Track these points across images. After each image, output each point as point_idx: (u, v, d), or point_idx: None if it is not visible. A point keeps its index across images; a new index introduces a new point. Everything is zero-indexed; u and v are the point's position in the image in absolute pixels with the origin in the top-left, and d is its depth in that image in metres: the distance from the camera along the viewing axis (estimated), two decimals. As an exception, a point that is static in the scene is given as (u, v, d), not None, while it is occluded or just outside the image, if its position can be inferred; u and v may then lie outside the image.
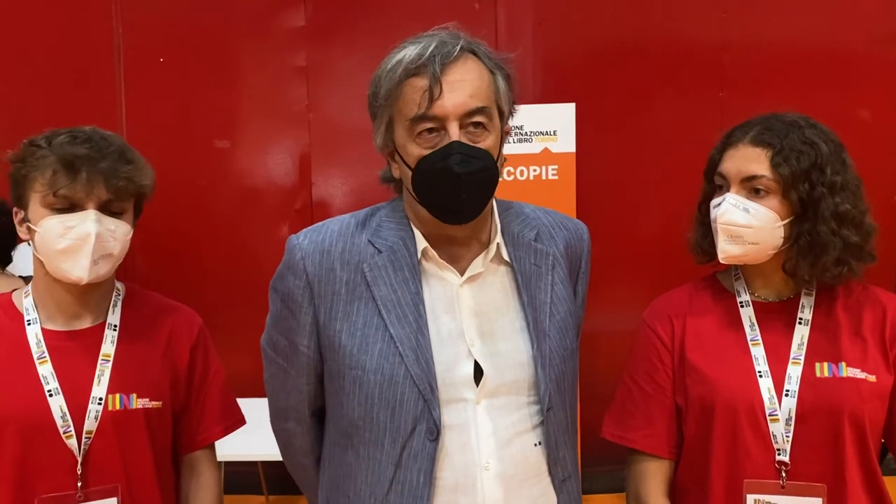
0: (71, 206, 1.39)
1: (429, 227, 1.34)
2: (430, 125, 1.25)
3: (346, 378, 1.32)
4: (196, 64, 3.90)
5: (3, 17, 3.86)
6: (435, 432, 1.28)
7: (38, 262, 1.45)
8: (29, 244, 1.47)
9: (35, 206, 1.40)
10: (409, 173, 1.28)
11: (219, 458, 1.65)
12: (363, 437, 1.32)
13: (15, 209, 1.46)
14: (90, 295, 1.48)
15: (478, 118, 1.26)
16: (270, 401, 1.49)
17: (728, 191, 1.44)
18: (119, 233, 1.42)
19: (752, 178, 1.41)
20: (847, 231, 1.39)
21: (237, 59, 3.96)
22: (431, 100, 1.23)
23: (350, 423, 1.34)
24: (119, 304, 1.52)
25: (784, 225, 1.41)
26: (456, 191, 1.24)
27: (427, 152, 1.25)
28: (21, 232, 1.45)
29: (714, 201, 1.47)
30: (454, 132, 1.24)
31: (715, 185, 1.49)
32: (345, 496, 1.36)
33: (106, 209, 1.41)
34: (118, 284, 1.55)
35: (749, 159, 1.42)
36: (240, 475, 3.66)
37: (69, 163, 1.37)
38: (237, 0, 3.92)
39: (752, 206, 1.41)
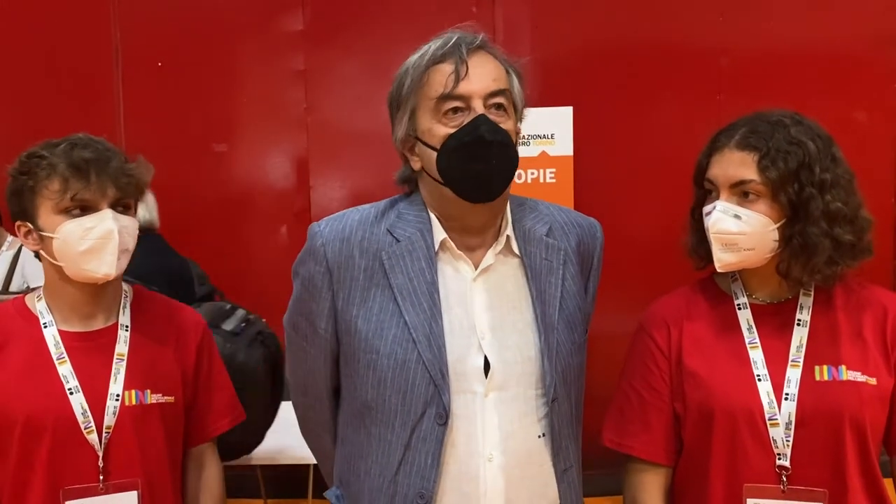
0: (84, 209, 1.44)
1: (449, 212, 1.38)
2: (456, 104, 1.31)
3: (361, 361, 1.37)
4: (194, 68, 3.90)
5: (1, 21, 3.87)
6: (444, 417, 1.32)
7: (51, 268, 1.50)
8: (37, 255, 1.50)
9: (47, 214, 1.44)
10: (434, 155, 1.33)
11: (218, 462, 1.68)
12: (375, 418, 1.37)
13: (18, 223, 1.49)
14: (103, 295, 1.53)
15: (499, 99, 1.33)
16: (291, 376, 1.56)
17: (718, 197, 1.41)
18: (131, 228, 1.48)
19: (741, 183, 1.38)
20: (839, 229, 1.36)
21: (235, 63, 3.96)
22: (458, 79, 1.30)
23: (363, 405, 1.39)
24: (128, 305, 1.58)
25: (777, 228, 1.38)
26: (487, 159, 1.30)
27: (453, 130, 1.31)
28: (28, 244, 1.49)
29: (705, 209, 1.44)
30: (479, 108, 1.31)
31: (705, 189, 1.46)
32: (356, 475, 1.42)
33: (116, 207, 1.46)
34: (125, 286, 1.60)
35: (736, 164, 1.39)
36: (239, 479, 3.65)
37: (79, 167, 1.43)
38: (235, 4, 3.93)
39: (744, 212, 1.38)
